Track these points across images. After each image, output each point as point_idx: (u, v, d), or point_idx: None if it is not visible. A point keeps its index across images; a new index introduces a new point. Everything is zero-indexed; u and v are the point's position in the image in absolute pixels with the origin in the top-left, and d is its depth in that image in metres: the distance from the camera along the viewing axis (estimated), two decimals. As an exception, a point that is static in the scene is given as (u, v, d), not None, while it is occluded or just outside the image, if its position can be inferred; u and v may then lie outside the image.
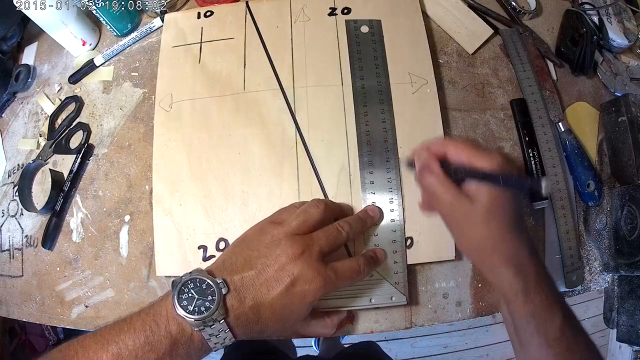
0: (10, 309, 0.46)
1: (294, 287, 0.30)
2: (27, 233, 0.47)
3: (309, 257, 0.31)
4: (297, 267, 0.30)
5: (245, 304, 0.30)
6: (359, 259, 0.35)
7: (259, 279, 0.30)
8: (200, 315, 0.28)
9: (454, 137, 0.33)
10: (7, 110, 0.55)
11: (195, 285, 0.29)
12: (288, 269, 0.30)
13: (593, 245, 0.46)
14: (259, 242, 0.32)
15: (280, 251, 0.31)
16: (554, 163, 0.44)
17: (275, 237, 0.32)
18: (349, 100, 0.44)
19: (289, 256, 0.30)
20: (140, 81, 0.50)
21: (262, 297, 0.30)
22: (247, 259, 0.31)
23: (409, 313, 0.42)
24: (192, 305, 0.28)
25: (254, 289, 0.30)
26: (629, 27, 0.51)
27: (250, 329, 0.31)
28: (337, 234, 0.34)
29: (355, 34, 0.46)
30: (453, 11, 0.50)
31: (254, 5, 0.49)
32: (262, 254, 0.31)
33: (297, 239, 0.31)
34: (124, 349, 0.27)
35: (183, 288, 0.29)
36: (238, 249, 0.33)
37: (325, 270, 0.31)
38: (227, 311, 0.29)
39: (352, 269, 0.33)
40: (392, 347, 1.37)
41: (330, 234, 0.33)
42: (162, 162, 0.43)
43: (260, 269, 0.30)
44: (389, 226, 0.40)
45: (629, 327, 0.44)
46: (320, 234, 0.33)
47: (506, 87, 0.49)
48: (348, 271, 0.33)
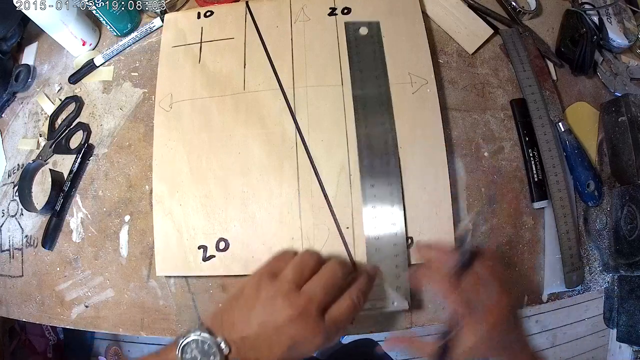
0: (10, 309, 0.46)
1: (295, 347, 0.30)
2: (27, 233, 0.47)
3: (307, 317, 0.30)
4: (296, 330, 0.30)
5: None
6: (351, 292, 0.34)
7: (259, 341, 0.30)
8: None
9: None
10: (7, 110, 0.55)
11: (197, 345, 0.30)
12: (287, 332, 0.30)
13: (593, 245, 0.46)
14: (256, 298, 0.32)
15: (277, 312, 0.31)
16: (554, 163, 0.44)
17: (271, 294, 0.32)
18: (349, 100, 0.44)
19: (286, 318, 0.30)
20: (140, 81, 0.50)
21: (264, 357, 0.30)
22: (245, 317, 0.31)
23: (409, 313, 0.42)
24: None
25: (255, 350, 0.30)
26: (629, 27, 0.51)
27: None
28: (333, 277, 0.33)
29: (355, 36, 0.46)
30: (453, 11, 0.50)
31: (254, 5, 0.49)
32: (260, 314, 0.31)
33: (293, 298, 0.31)
34: None
35: (185, 347, 0.30)
36: (235, 303, 0.33)
37: (324, 326, 0.31)
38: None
39: (349, 308, 0.33)
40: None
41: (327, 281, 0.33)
42: (162, 162, 0.43)
43: (259, 331, 0.30)
44: (390, 229, 0.40)
45: (629, 327, 0.45)
46: (317, 288, 0.32)
47: (506, 87, 0.49)
48: (346, 313, 0.32)
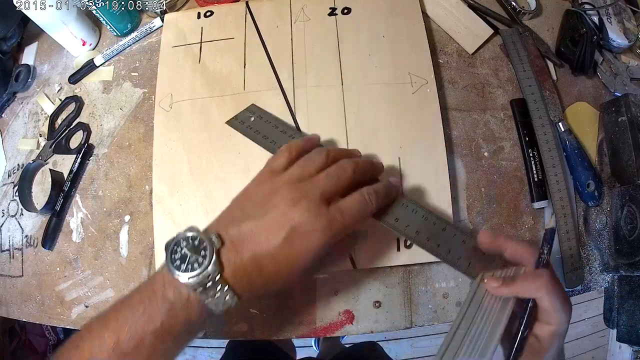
0: (10, 309, 0.46)
1: (295, 233, 0.27)
2: (27, 233, 0.47)
3: (309, 200, 0.28)
4: (296, 213, 0.27)
5: (243, 256, 0.27)
6: (362, 189, 0.31)
7: (257, 229, 0.28)
8: (193, 272, 0.26)
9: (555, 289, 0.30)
10: (7, 110, 0.55)
11: (188, 243, 0.27)
12: (287, 214, 0.28)
13: (593, 245, 0.46)
14: (257, 193, 0.30)
15: (279, 198, 0.28)
16: (554, 163, 0.44)
17: (274, 186, 0.30)
18: (349, 100, 0.44)
19: (288, 202, 0.28)
20: (140, 81, 0.50)
21: (262, 247, 0.27)
22: (244, 210, 0.29)
23: (409, 313, 0.42)
24: (184, 264, 0.26)
25: (252, 239, 0.28)
26: (629, 27, 0.51)
27: (253, 283, 0.28)
28: (340, 171, 0.30)
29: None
30: (453, 11, 0.50)
31: (254, 5, 0.49)
32: (259, 203, 0.29)
33: (296, 185, 0.29)
34: (123, 324, 0.26)
35: (175, 248, 0.27)
36: (236, 203, 0.31)
37: (328, 211, 0.28)
38: (222, 266, 0.27)
39: (358, 201, 0.30)
40: (392, 347, 1.37)
41: (333, 172, 0.30)
42: (162, 162, 0.43)
43: (257, 219, 0.28)
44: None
45: (629, 327, 0.44)
46: (321, 175, 0.30)
47: (506, 87, 0.49)
48: (354, 205, 0.30)
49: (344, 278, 0.42)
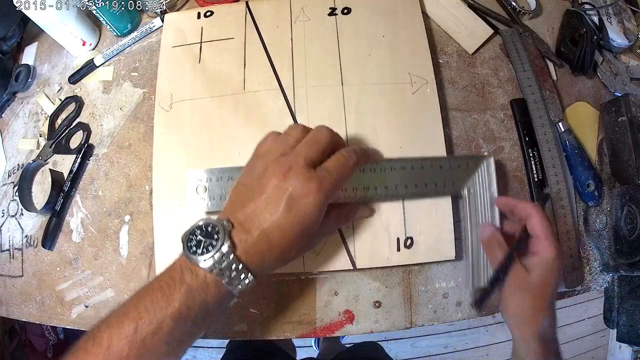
0: (10, 309, 0.46)
1: (293, 201, 0.30)
2: (27, 233, 0.47)
3: (296, 168, 0.30)
4: (289, 182, 0.30)
5: (253, 234, 0.29)
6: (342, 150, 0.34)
7: (259, 207, 0.30)
8: (208, 254, 0.28)
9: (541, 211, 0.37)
10: (7, 110, 0.55)
11: (202, 230, 0.29)
12: (282, 186, 0.30)
13: (593, 245, 0.46)
14: (251, 178, 0.32)
15: (270, 174, 0.31)
16: (554, 163, 0.44)
17: (263, 167, 0.32)
18: (349, 100, 0.44)
19: (278, 175, 0.30)
20: (140, 81, 0.50)
21: (267, 222, 0.29)
22: (244, 195, 0.32)
23: (409, 313, 0.42)
24: (200, 248, 0.28)
25: (257, 218, 0.30)
26: (629, 27, 0.51)
27: (265, 259, 0.30)
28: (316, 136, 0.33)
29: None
30: (453, 11, 0.50)
31: (254, 5, 0.49)
32: (256, 184, 0.31)
33: (280, 160, 0.32)
34: (143, 311, 0.27)
35: (191, 236, 0.29)
36: (234, 192, 0.33)
37: (315, 174, 0.31)
38: (234, 245, 0.29)
39: (339, 158, 0.33)
40: (392, 347, 1.37)
41: (311, 139, 0.33)
42: (162, 162, 0.43)
43: (256, 198, 0.30)
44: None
45: (629, 327, 0.45)
46: (302, 144, 0.33)
47: (506, 87, 0.49)
48: (337, 162, 0.33)
49: (344, 278, 0.42)
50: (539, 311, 0.34)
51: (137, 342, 0.27)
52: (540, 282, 0.34)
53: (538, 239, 0.35)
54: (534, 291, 0.34)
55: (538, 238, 0.35)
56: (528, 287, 0.34)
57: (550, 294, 0.35)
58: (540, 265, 0.35)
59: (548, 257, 0.35)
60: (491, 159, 0.40)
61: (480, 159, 0.40)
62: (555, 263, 0.35)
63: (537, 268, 0.35)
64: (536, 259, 0.35)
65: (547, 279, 0.34)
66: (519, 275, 0.35)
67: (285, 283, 0.42)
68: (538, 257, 0.35)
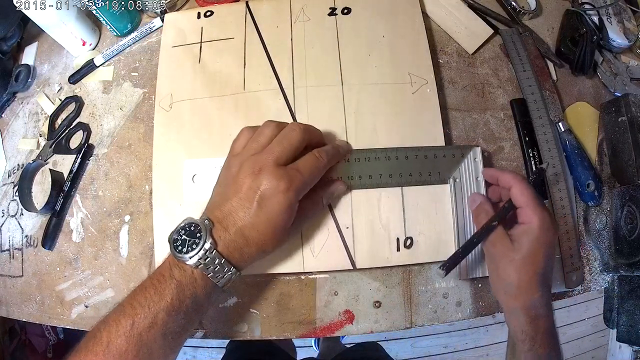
0: (10, 309, 0.46)
1: (264, 199, 0.32)
2: (27, 233, 0.47)
3: (267, 167, 0.32)
4: (259, 181, 0.32)
5: (230, 231, 0.32)
6: (313, 151, 0.36)
7: (234, 206, 0.32)
8: (193, 252, 0.30)
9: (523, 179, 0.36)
10: (7, 110, 0.55)
11: (185, 230, 0.31)
12: (253, 186, 0.32)
13: (593, 245, 0.46)
14: (227, 176, 0.34)
15: (243, 174, 0.33)
16: (554, 163, 0.44)
17: (237, 166, 0.34)
18: (349, 100, 0.44)
19: (250, 175, 0.32)
20: (140, 81, 0.50)
21: (242, 220, 0.32)
22: (221, 194, 0.34)
23: (409, 313, 0.42)
24: (185, 247, 0.31)
25: (232, 216, 0.32)
26: (629, 27, 0.51)
27: (244, 253, 0.32)
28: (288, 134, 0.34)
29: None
30: (453, 11, 0.50)
31: (254, 5, 0.49)
32: (231, 183, 0.33)
33: (253, 159, 0.33)
34: (137, 307, 0.29)
35: (176, 237, 0.31)
36: (215, 190, 0.35)
37: (286, 171, 0.33)
38: (215, 242, 0.31)
39: (310, 159, 0.35)
40: (392, 347, 1.37)
41: (283, 138, 0.34)
42: (162, 162, 0.43)
43: (232, 198, 0.32)
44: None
45: (629, 327, 0.45)
46: (274, 143, 0.34)
47: (506, 87, 0.49)
48: (308, 162, 0.34)
49: (344, 278, 0.42)
50: (526, 284, 0.33)
51: (135, 337, 0.28)
52: (526, 252, 0.33)
53: (522, 209, 0.35)
54: (519, 262, 0.33)
55: (521, 207, 0.35)
56: (513, 258, 0.34)
57: (538, 266, 0.34)
58: (525, 234, 0.34)
59: (532, 226, 0.34)
60: (478, 149, 0.41)
61: (468, 149, 0.41)
62: (543, 232, 0.33)
63: (521, 238, 0.34)
64: (520, 228, 0.35)
65: (533, 249, 0.33)
66: (504, 246, 0.34)
67: (285, 283, 0.42)
68: (522, 227, 0.35)
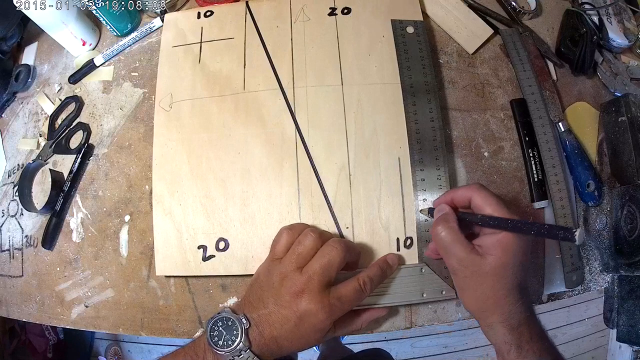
0: (10, 309, 0.46)
1: (302, 322, 0.33)
2: (27, 233, 0.47)
3: (310, 291, 0.33)
4: (300, 304, 0.33)
5: (265, 336, 0.34)
6: (359, 278, 0.36)
7: (272, 317, 0.34)
8: (228, 348, 0.33)
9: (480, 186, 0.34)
10: (7, 110, 0.55)
11: (223, 323, 0.34)
12: (293, 307, 0.33)
13: (593, 245, 0.46)
14: (267, 282, 0.36)
15: (284, 290, 0.34)
16: (554, 163, 0.44)
17: (279, 276, 0.35)
18: (349, 100, 0.44)
19: (292, 294, 0.34)
20: (140, 81, 0.50)
21: (278, 331, 0.34)
22: (260, 297, 0.35)
23: (409, 313, 0.42)
24: (221, 340, 0.33)
25: (269, 325, 0.34)
26: (629, 27, 0.51)
27: (275, 353, 0.35)
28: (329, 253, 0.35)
29: (402, 34, 0.46)
30: (453, 11, 0.50)
31: (254, 5, 0.49)
32: (271, 293, 0.35)
33: (295, 277, 0.34)
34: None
35: (213, 327, 0.34)
36: (253, 288, 0.37)
37: (328, 300, 0.34)
38: (250, 342, 0.33)
39: (355, 289, 0.35)
40: (392, 347, 1.37)
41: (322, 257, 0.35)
42: (162, 162, 0.43)
43: (271, 309, 0.34)
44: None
45: (629, 327, 0.45)
46: (314, 263, 0.34)
47: (506, 87, 0.49)
48: (351, 293, 0.35)
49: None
50: (504, 297, 0.32)
51: None
52: (497, 265, 0.32)
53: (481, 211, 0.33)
54: (491, 276, 0.32)
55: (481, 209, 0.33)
56: (484, 273, 0.32)
57: (515, 275, 0.32)
58: (493, 246, 0.32)
59: (499, 237, 0.32)
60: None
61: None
62: (512, 241, 0.32)
63: (491, 250, 0.32)
64: (488, 239, 0.32)
65: (503, 259, 0.32)
66: (473, 262, 0.32)
67: (285, 283, 0.42)
68: (490, 237, 0.32)
